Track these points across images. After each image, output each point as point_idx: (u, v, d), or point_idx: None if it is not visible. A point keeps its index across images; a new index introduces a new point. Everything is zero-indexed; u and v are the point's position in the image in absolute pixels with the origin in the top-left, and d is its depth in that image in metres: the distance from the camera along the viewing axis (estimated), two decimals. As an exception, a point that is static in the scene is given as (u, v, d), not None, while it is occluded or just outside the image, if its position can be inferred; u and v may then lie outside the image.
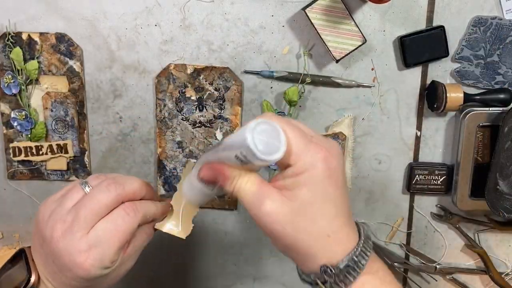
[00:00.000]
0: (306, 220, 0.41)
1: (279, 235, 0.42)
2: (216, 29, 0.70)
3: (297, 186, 0.41)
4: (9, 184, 0.76)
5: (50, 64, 0.71)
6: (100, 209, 0.46)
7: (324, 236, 0.42)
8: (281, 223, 0.42)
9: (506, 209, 0.69)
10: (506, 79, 0.69)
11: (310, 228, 0.42)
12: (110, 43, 0.70)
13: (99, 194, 0.47)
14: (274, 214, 0.42)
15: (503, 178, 0.68)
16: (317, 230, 0.42)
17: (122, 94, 0.73)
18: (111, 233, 0.46)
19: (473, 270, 0.77)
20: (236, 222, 0.78)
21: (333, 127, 0.72)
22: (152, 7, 0.69)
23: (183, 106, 0.73)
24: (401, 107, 0.72)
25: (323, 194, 0.42)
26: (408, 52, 0.68)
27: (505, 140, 0.67)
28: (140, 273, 0.81)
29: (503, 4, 0.67)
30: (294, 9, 0.68)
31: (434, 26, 0.68)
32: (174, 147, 0.74)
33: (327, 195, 0.42)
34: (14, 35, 0.69)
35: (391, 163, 0.74)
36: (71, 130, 0.73)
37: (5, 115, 0.72)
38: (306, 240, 0.42)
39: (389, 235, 0.77)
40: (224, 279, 0.82)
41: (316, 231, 0.42)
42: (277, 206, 0.42)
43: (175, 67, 0.71)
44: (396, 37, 0.69)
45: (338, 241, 0.43)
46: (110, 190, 0.47)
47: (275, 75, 0.70)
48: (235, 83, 0.71)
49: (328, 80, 0.70)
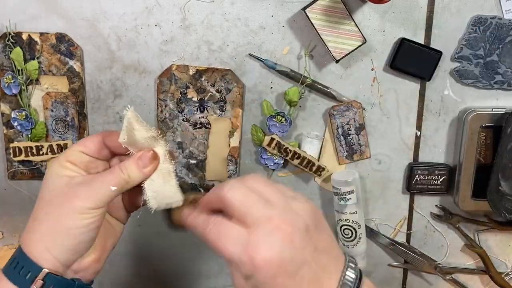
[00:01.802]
0: (265, 281, 0.41)
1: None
2: (216, 29, 0.70)
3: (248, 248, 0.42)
4: (9, 184, 0.76)
5: (50, 64, 0.71)
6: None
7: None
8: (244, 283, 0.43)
9: (508, 210, 0.69)
10: (506, 79, 0.69)
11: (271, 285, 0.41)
12: (110, 43, 0.71)
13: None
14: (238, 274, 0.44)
15: (505, 179, 0.68)
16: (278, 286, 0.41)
17: (122, 94, 0.73)
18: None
19: (473, 270, 0.77)
20: (236, 222, 0.78)
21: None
22: (152, 7, 0.69)
23: (184, 107, 0.73)
24: (401, 107, 0.72)
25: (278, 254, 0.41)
26: (400, 56, 0.68)
27: (508, 141, 0.67)
28: (140, 273, 0.82)
29: (502, 4, 0.67)
30: (294, 9, 0.69)
31: (435, 48, 0.68)
32: (174, 147, 0.74)
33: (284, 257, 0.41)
34: (14, 35, 0.69)
35: (391, 163, 0.74)
36: (71, 130, 0.73)
37: (5, 115, 0.73)
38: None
39: (392, 236, 0.77)
40: (224, 279, 0.82)
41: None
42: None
43: (177, 68, 0.71)
44: (398, 38, 0.69)
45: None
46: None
47: (277, 67, 0.70)
48: (237, 85, 0.71)
49: (325, 90, 0.71)
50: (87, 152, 0.50)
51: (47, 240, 0.46)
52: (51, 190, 0.48)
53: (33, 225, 0.47)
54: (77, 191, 0.47)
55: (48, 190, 0.48)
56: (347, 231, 0.73)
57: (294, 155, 0.72)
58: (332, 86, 0.71)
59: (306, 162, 0.72)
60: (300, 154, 0.72)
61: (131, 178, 0.48)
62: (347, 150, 0.73)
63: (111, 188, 0.47)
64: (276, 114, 0.71)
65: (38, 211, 0.48)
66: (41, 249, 0.46)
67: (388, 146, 0.74)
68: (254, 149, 0.75)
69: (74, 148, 0.50)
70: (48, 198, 0.47)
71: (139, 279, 0.82)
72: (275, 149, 0.72)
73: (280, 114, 0.71)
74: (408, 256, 0.77)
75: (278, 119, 0.71)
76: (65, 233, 0.46)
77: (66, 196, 0.47)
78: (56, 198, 0.47)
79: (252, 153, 0.75)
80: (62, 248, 0.46)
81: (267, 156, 0.73)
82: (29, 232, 0.47)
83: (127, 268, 0.81)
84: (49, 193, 0.48)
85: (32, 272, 0.45)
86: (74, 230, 0.46)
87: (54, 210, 0.46)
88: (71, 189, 0.47)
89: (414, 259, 0.76)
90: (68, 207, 0.46)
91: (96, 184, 0.47)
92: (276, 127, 0.71)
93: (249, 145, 0.75)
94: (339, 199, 0.71)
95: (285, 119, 0.71)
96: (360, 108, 0.72)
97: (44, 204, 0.47)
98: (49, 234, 0.46)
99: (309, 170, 0.73)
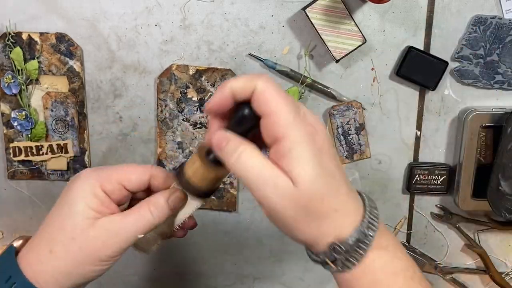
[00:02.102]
0: (313, 200, 0.39)
1: (289, 221, 0.40)
2: (216, 29, 0.70)
3: (293, 166, 0.38)
4: (9, 184, 0.76)
5: (50, 64, 0.71)
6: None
7: (333, 212, 0.40)
8: (292, 208, 0.39)
9: (508, 210, 0.69)
10: (506, 79, 0.69)
11: (319, 207, 0.39)
12: (110, 43, 0.71)
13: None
14: (286, 197, 0.38)
15: (506, 178, 0.68)
16: (326, 207, 0.39)
17: (122, 94, 0.73)
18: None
19: (473, 270, 0.77)
20: (235, 223, 0.78)
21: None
22: (152, 7, 0.69)
23: (184, 106, 0.73)
24: (401, 107, 0.72)
25: (321, 169, 0.39)
26: (406, 64, 0.68)
27: (508, 141, 0.67)
28: (140, 273, 0.82)
29: (503, 3, 0.67)
30: (294, 9, 0.68)
31: (441, 58, 0.68)
32: (174, 147, 0.74)
33: (325, 170, 0.39)
34: (14, 35, 0.69)
35: (391, 163, 0.74)
36: (71, 130, 0.73)
37: (5, 115, 0.73)
38: (316, 220, 0.40)
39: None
40: (224, 279, 0.82)
41: (326, 209, 0.39)
42: (285, 189, 0.38)
43: (177, 68, 0.71)
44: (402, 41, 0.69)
45: (346, 214, 0.41)
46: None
47: (277, 67, 0.70)
48: (235, 83, 0.71)
49: (325, 90, 0.71)
50: (128, 187, 0.46)
51: (61, 278, 0.44)
52: (75, 224, 0.44)
53: (48, 257, 0.44)
54: (105, 242, 0.43)
55: (71, 221, 0.44)
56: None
57: (294, 155, 0.72)
58: (332, 86, 0.71)
59: (306, 162, 0.72)
60: (300, 154, 0.72)
61: (160, 220, 0.45)
62: (347, 150, 0.73)
63: (138, 237, 0.44)
64: (276, 114, 0.71)
65: (55, 243, 0.44)
66: (50, 283, 0.44)
67: (388, 146, 0.74)
68: (254, 149, 0.75)
69: (114, 177, 0.45)
70: (70, 234, 0.43)
71: (139, 279, 0.82)
72: (275, 149, 0.72)
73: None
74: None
75: (278, 119, 0.71)
76: (81, 276, 0.44)
77: (91, 243, 0.43)
78: (80, 239, 0.43)
79: (252, 153, 0.75)
80: (72, 286, 0.45)
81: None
82: (40, 262, 0.44)
83: (127, 268, 0.81)
84: (72, 226, 0.44)
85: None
86: (92, 273, 0.44)
87: (76, 252, 0.43)
88: (99, 235, 0.43)
89: (414, 259, 0.76)
90: (92, 256, 0.43)
91: (125, 234, 0.44)
92: (276, 127, 0.71)
93: (249, 145, 0.75)
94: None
95: (285, 119, 0.71)
96: (360, 108, 0.72)
97: (64, 239, 0.43)
98: (65, 274, 0.44)
99: (309, 170, 0.73)
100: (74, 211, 0.44)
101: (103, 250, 0.43)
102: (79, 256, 0.43)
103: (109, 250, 0.44)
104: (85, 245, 0.43)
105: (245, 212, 0.78)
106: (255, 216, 0.78)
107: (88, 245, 0.43)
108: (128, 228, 0.44)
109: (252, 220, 0.78)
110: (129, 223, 0.44)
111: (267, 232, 0.78)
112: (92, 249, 0.43)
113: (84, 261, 0.43)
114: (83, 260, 0.43)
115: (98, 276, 0.45)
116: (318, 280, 0.81)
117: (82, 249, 0.43)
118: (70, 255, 0.43)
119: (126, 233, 0.44)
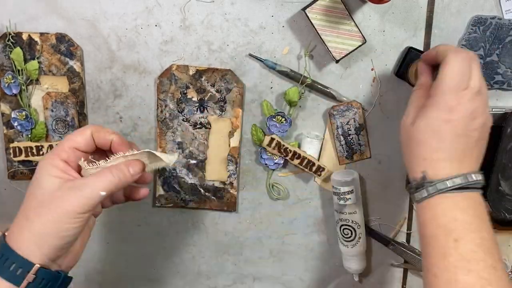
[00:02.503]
0: (414, 142, 0.55)
1: (402, 145, 0.58)
2: (216, 29, 0.70)
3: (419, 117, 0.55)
4: (9, 184, 0.76)
5: (50, 64, 0.71)
6: None
7: (421, 160, 0.54)
8: (403, 136, 0.58)
9: (508, 210, 0.69)
10: (505, 79, 0.70)
11: (416, 151, 0.54)
12: (110, 43, 0.71)
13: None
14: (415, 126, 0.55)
15: (505, 179, 0.68)
16: (417, 153, 0.54)
17: (122, 94, 0.73)
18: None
19: (473, 270, 0.77)
20: (236, 223, 0.78)
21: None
22: (152, 7, 0.69)
23: (184, 107, 0.73)
24: (401, 107, 0.72)
25: (433, 128, 0.53)
26: (406, 65, 0.68)
27: (507, 141, 0.67)
28: (140, 273, 0.82)
29: (502, 4, 0.67)
30: (294, 9, 0.69)
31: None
32: (174, 147, 0.74)
33: (435, 127, 0.53)
34: (14, 35, 0.69)
35: (391, 163, 0.74)
36: (71, 130, 0.73)
37: (5, 115, 0.73)
38: (414, 155, 0.55)
39: (392, 235, 0.77)
40: (224, 279, 0.82)
41: (416, 154, 0.54)
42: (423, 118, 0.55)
43: (177, 68, 0.71)
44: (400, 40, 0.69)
45: (434, 165, 0.53)
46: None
47: (277, 68, 0.70)
48: (237, 85, 0.71)
49: (325, 90, 0.71)
50: (78, 147, 0.53)
51: (38, 240, 0.49)
52: (43, 191, 0.50)
53: (25, 224, 0.49)
54: (69, 197, 0.49)
55: (40, 190, 0.50)
56: (346, 231, 0.73)
57: (294, 155, 0.72)
58: (332, 86, 0.71)
59: (306, 162, 0.72)
60: (300, 154, 0.72)
61: (121, 182, 0.52)
62: (347, 150, 0.73)
63: (100, 194, 0.50)
64: (276, 114, 0.71)
65: (29, 210, 0.50)
66: (31, 247, 0.49)
67: (388, 146, 0.74)
68: (254, 149, 0.75)
69: (65, 144, 0.52)
70: (40, 199, 0.50)
71: (139, 279, 0.82)
72: (275, 149, 0.72)
73: (280, 114, 0.71)
74: (408, 256, 0.77)
75: (278, 119, 0.71)
76: (55, 235, 0.49)
77: (58, 201, 0.49)
78: (48, 201, 0.49)
79: (252, 153, 0.75)
80: (51, 247, 0.49)
81: (267, 156, 0.73)
82: (20, 230, 0.49)
83: (127, 268, 0.81)
84: (41, 193, 0.50)
85: (23, 267, 0.48)
86: (64, 232, 0.49)
87: (46, 213, 0.49)
88: (63, 193, 0.49)
89: (414, 259, 0.76)
90: (60, 212, 0.49)
91: (87, 190, 0.50)
92: (276, 127, 0.71)
93: (249, 145, 0.75)
94: (338, 199, 0.71)
95: (285, 119, 0.71)
96: (360, 108, 0.72)
97: (36, 205, 0.49)
98: (40, 235, 0.49)
99: (309, 170, 0.73)
100: (40, 182, 0.50)
101: (70, 206, 0.49)
102: (49, 215, 0.49)
103: (75, 206, 0.49)
104: (54, 205, 0.49)
105: (245, 212, 0.78)
106: (255, 216, 0.78)
107: (57, 204, 0.49)
108: (89, 184, 0.50)
109: (252, 220, 0.78)
110: (90, 181, 0.50)
111: (267, 232, 0.79)
112: (59, 206, 0.49)
113: (54, 220, 0.48)
114: (54, 219, 0.48)
115: (72, 236, 0.50)
116: (318, 280, 0.81)
117: (51, 209, 0.49)
118: (42, 217, 0.49)
119: (88, 189, 0.50)
